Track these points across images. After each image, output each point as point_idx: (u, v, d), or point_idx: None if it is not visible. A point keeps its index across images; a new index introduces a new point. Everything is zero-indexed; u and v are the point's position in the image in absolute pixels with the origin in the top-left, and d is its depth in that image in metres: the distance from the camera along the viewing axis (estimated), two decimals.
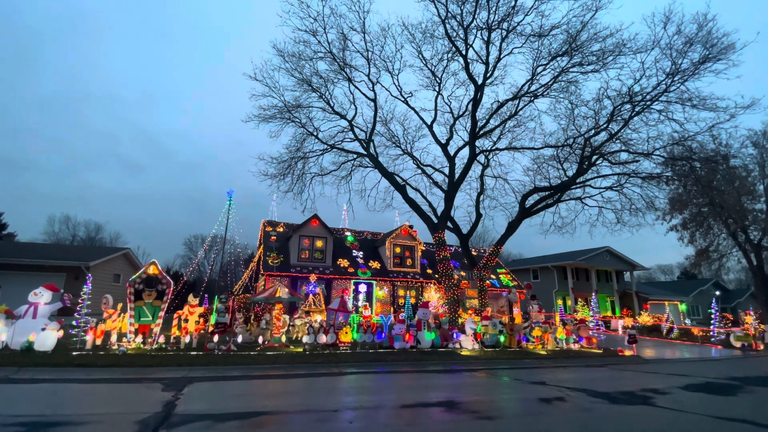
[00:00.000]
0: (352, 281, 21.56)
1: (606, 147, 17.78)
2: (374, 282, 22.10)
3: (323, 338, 11.75)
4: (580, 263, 33.59)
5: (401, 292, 22.51)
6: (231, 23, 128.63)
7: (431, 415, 5.17)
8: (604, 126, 17.49)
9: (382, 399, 6.24)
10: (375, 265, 22.97)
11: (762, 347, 16.57)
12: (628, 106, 17.06)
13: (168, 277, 10.82)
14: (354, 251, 23.67)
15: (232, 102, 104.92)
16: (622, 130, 17.34)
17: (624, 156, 18.01)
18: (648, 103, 16.76)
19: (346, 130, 18.79)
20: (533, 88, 17.60)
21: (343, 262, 22.17)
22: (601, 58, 16.39)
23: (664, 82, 16.34)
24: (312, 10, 16.59)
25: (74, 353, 8.59)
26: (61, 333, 9.21)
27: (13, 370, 6.95)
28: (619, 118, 17.30)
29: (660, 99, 16.63)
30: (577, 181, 17.90)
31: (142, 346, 9.82)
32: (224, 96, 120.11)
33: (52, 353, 8.51)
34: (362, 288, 21.42)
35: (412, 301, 21.32)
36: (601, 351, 13.72)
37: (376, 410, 5.36)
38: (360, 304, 18.21)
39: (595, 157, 17.81)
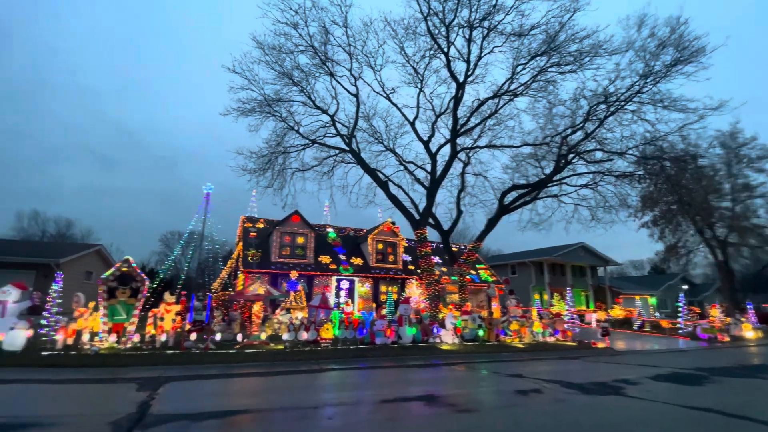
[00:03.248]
0: (334, 278, 21.48)
1: (582, 146, 18.26)
2: (356, 278, 22.08)
3: (304, 335, 11.69)
4: (557, 259, 34.50)
5: (383, 288, 22.58)
6: (209, 14, 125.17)
7: (411, 410, 5.24)
8: (581, 125, 17.95)
9: (362, 395, 6.28)
10: (357, 261, 22.95)
11: (727, 339, 17.42)
12: (603, 106, 17.55)
13: (143, 275, 10.53)
14: (336, 247, 23.56)
15: (210, 95, 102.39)
16: (598, 130, 17.84)
17: (599, 155, 18.55)
18: (622, 103, 17.28)
19: (327, 125, 18.63)
20: (513, 86, 17.88)
21: (325, 259, 22.05)
22: (579, 58, 16.78)
23: (637, 84, 16.88)
24: (293, 2, 16.33)
25: (44, 353, 8.28)
26: (30, 332, 8.86)
27: None
28: (594, 117, 17.78)
29: (633, 100, 17.17)
30: (554, 178, 18.33)
31: (115, 345, 9.53)
32: (201, 89, 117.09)
33: (21, 353, 8.20)
34: (344, 284, 21.38)
35: (394, 297, 21.45)
36: (575, 344, 14.13)
37: (356, 406, 5.39)
38: (342, 300, 18.18)
39: (571, 156, 18.27)
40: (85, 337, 9.69)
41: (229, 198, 29.87)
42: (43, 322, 9.62)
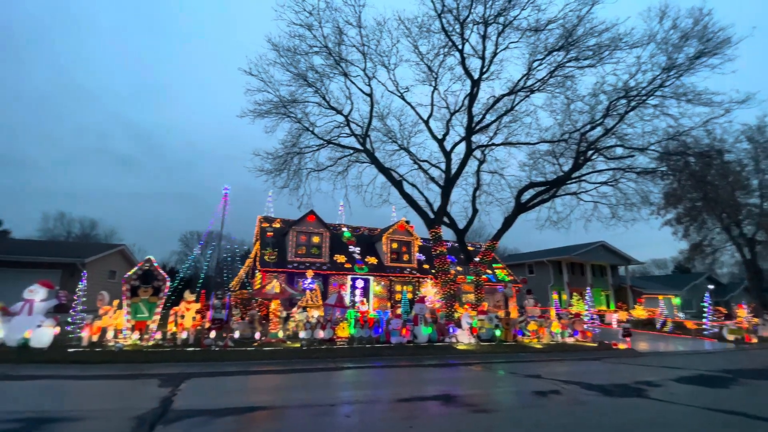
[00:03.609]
0: (349, 277, 21.57)
1: (601, 142, 17.83)
2: (371, 277, 22.13)
3: (320, 333, 11.78)
4: (575, 258, 33.80)
5: (398, 288, 22.56)
6: (225, 18, 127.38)
7: (428, 409, 5.21)
8: (600, 121, 17.53)
9: (379, 393, 6.28)
10: (372, 260, 23.00)
11: (755, 340, 16.78)
12: (623, 101, 17.08)
13: (164, 274, 10.80)
14: (351, 247, 23.67)
15: (227, 97, 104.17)
16: (618, 125, 17.38)
17: (619, 151, 18.07)
18: (643, 97, 16.79)
19: (342, 125, 18.70)
20: (529, 83, 17.59)
21: (340, 258, 22.17)
22: (597, 52, 16.37)
23: (659, 77, 16.38)
24: (307, 3, 16.43)
25: (70, 350, 8.59)
26: (57, 330, 9.19)
27: (10, 367, 6.94)
28: (614, 113, 17.33)
29: (655, 94, 16.66)
30: (573, 176, 17.96)
31: (138, 342, 9.81)
32: (218, 91, 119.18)
33: (48, 350, 8.50)
34: (359, 283, 21.43)
35: (409, 296, 21.39)
36: (595, 344, 13.84)
37: (373, 404, 5.40)
38: (357, 299, 18.24)
39: (590, 152, 17.86)
40: (110, 335, 10.00)
41: (246, 198, 30.31)
42: (69, 319, 9.96)
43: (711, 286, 35.68)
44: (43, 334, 8.80)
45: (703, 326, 18.80)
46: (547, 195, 18.48)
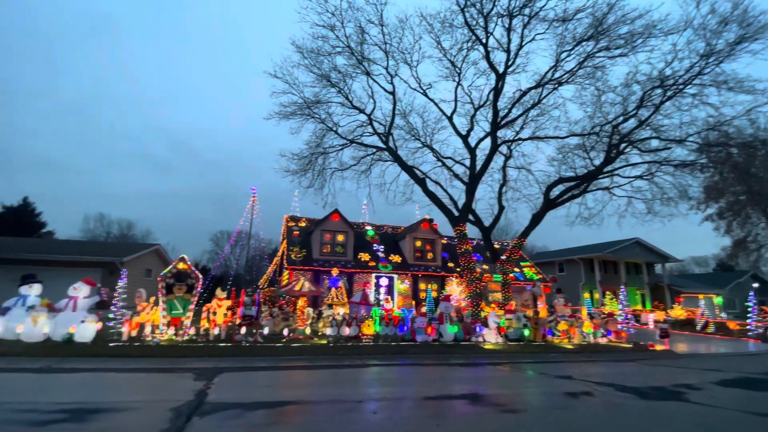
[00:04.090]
0: (373, 275, 21.69)
1: (635, 134, 17.07)
2: (395, 276, 22.16)
3: (346, 330, 11.91)
4: (608, 255, 32.59)
5: (422, 286, 22.49)
6: (250, 21, 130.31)
7: (455, 408, 5.17)
8: (633, 112, 16.79)
9: (405, 391, 6.29)
10: (396, 258, 23.02)
11: None
12: (659, 90, 16.28)
13: (197, 272, 11.21)
14: (374, 245, 23.78)
15: (253, 100, 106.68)
16: (653, 116, 16.58)
17: (655, 143, 17.25)
18: (680, 86, 15.94)
19: (365, 124, 18.79)
20: (557, 75, 17.05)
21: (364, 256, 22.32)
22: (630, 41, 15.67)
23: (697, 65, 15.50)
24: (329, 4, 16.58)
25: (111, 344, 9.05)
26: (99, 325, 9.71)
27: (56, 360, 7.38)
28: (649, 103, 16.55)
29: (693, 82, 15.77)
30: (605, 170, 17.29)
31: (174, 337, 10.23)
32: (245, 94, 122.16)
33: (91, 344, 8.98)
34: (383, 281, 21.54)
35: (434, 294, 21.27)
36: (630, 345, 13.33)
37: (400, 401, 5.41)
38: (381, 297, 18.32)
39: (623, 145, 17.14)
40: (147, 330, 10.47)
41: (273, 198, 30.97)
42: (110, 315, 10.51)
43: (756, 285, 33.60)
44: (87, 330, 9.31)
45: (747, 327, 17.74)
46: (578, 190, 17.88)
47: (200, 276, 11.24)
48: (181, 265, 10.96)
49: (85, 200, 73.53)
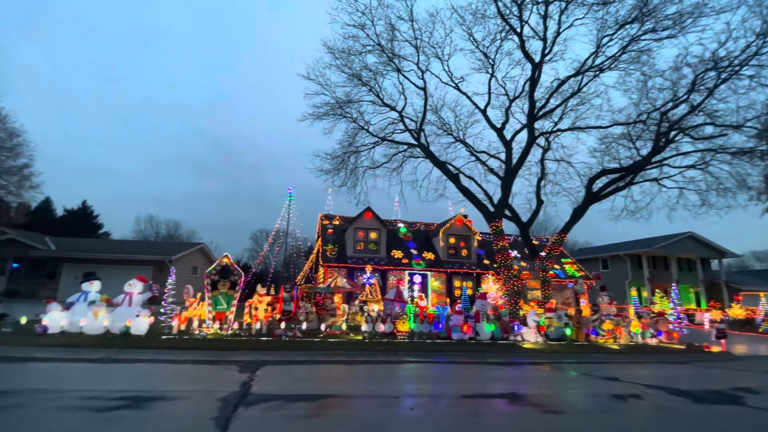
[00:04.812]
0: (407, 272, 21.67)
1: (687, 121, 15.91)
2: (429, 273, 22.03)
3: (381, 327, 12.00)
4: (658, 251, 30.64)
5: (457, 283, 22.20)
6: (283, 25, 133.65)
7: (493, 406, 5.09)
8: (684, 97, 15.65)
9: (441, 388, 6.26)
10: (429, 255, 22.87)
11: None
12: (712, 73, 15.07)
13: (239, 269, 11.71)
14: (407, 242, 23.75)
15: (288, 103, 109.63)
16: (706, 101, 15.37)
17: (709, 130, 15.99)
18: (736, 68, 14.66)
19: (396, 121, 18.78)
20: (598, 61, 16.21)
21: (397, 254, 22.35)
22: (678, 21, 14.63)
23: (754, 44, 14.18)
24: (360, 3, 16.70)
25: (163, 337, 9.66)
26: (152, 319, 10.39)
27: (114, 352, 7.98)
28: (701, 87, 15.36)
29: (750, 63, 14.45)
30: (653, 160, 16.25)
31: (219, 331, 10.76)
32: (279, 98, 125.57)
33: (145, 337, 9.64)
34: (417, 279, 21.46)
35: (469, 292, 20.94)
36: (683, 347, 12.51)
37: (437, 399, 5.39)
38: (415, 294, 18.29)
39: (673, 133, 16.04)
40: (195, 324, 11.08)
41: (308, 197, 31.75)
42: (161, 310, 11.21)
43: None
44: (141, 323, 10.00)
45: None
46: (623, 182, 16.93)
47: (242, 273, 11.72)
48: (224, 263, 11.48)
49: (137, 202, 78.80)
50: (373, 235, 22.17)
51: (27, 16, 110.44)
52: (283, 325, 11.07)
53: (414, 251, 23.01)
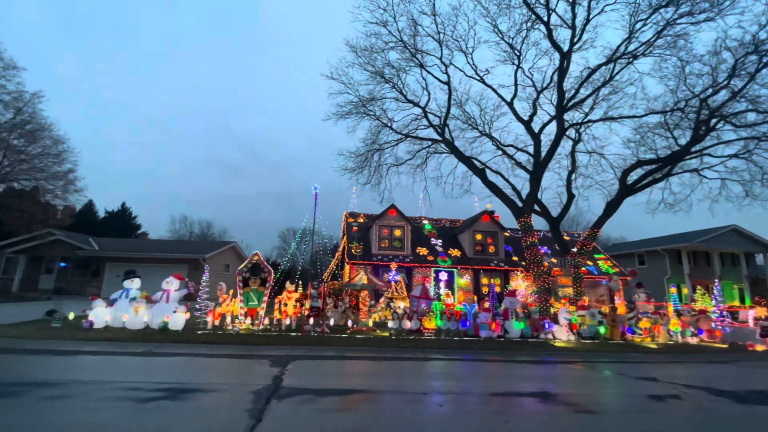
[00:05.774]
0: (432, 269, 21.58)
1: (728, 107, 15.00)
2: (455, 270, 21.84)
3: (407, 324, 12.03)
4: (699, 245, 29.10)
5: (484, 281, 21.92)
6: (307, 27, 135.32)
7: (523, 405, 5.01)
8: (725, 83, 14.75)
9: (470, 386, 6.22)
10: (455, 252, 22.67)
11: None
12: (753, 57, 14.15)
13: (269, 266, 12.04)
14: (432, 239, 23.62)
15: (312, 103, 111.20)
16: (748, 86, 14.45)
17: (752, 116, 15.04)
18: None
19: (419, 117, 18.68)
20: (632, 47, 15.52)
21: (422, 251, 22.28)
22: (716, 3, 13.82)
23: None
24: (381, 0, 16.70)
25: (199, 332, 10.08)
26: (188, 315, 10.86)
27: (154, 345, 8.40)
28: (742, 72, 14.43)
29: None
30: (692, 150, 15.43)
31: (251, 327, 11.12)
32: (304, 98, 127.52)
33: (182, 332, 10.09)
34: (443, 276, 21.32)
35: (497, 289, 20.64)
36: (726, 346, 11.86)
37: (465, 396, 5.37)
38: (441, 291, 18.19)
39: (714, 121, 15.16)
40: (228, 320, 11.49)
41: (333, 195, 32.11)
42: (197, 306, 11.69)
43: None
44: (178, 319, 10.47)
45: None
46: (660, 174, 16.17)
47: (272, 270, 12.04)
48: (255, 261, 11.84)
49: (172, 203, 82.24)
50: (397, 233, 22.20)
51: (64, 28, 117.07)
52: (311, 320, 11.30)
53: (440, 248, 22.87)
